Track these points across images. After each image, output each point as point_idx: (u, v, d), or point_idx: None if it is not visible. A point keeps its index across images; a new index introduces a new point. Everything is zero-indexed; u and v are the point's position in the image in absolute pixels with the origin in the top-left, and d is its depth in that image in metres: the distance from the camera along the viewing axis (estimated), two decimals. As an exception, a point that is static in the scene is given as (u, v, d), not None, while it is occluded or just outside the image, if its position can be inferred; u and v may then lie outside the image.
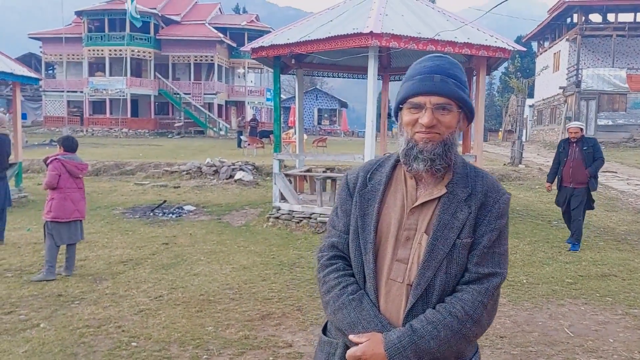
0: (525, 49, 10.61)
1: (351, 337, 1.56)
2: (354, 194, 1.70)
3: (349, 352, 1.55)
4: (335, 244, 1.71)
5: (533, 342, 4.45)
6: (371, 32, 7.86)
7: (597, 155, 7.55)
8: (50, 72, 45.19)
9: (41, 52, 42.97)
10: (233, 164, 15.29)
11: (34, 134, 34.61)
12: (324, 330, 1.77)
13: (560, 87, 31.76)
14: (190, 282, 6.03)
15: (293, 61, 10.09)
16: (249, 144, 22.42)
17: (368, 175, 1.70)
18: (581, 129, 7.71)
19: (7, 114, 18.70)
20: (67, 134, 6.54)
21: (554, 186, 7.99)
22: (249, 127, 26.80)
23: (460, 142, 14.37)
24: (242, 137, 25.39)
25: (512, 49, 8.89)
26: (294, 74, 11.73)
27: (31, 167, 17.25)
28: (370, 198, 1.65)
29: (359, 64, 10.60)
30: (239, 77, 46.41)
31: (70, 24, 43.55)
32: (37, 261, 6.83)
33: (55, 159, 6.08)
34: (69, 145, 6.26)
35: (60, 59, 41.48)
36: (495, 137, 43.33)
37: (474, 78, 10.07)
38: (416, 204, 1.60)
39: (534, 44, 45.85)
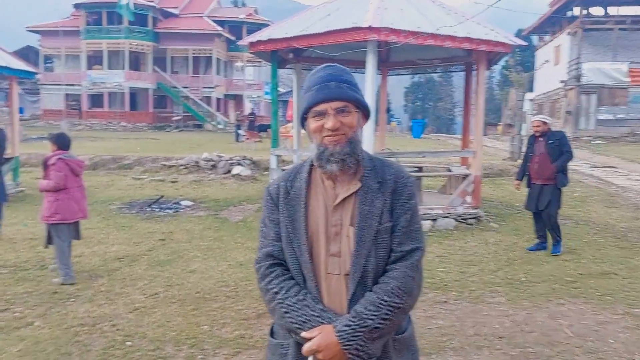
0: (526, 44, 10.53)
1: (303, 334, 1.67)
2: (278, 203, 1.82)
3: (305, 347, 1.66)
4: (270, 252, 1.82)
5: (532, 342, 4.40)
6: (370, 26, 7.78)
7: (564, 149, 7.22)
8: (49, 65, 44.97)
9: (39, 45, 42.76)
10: (231, 159, 15.22)
11: (32, 127, 34.48)
12: (272, 334, 1.89)
13: (561, 81, 31.64)
14: (187, 279, 5.98)
15: (291, 55, 10.00)
16: (247, 138, 22.35)
17: (288, 184, 1.83)
18: (544, 122, 7.40)
19: (6, 108, 18.61)
20: (59, 131, 6.21)
21: (525, 185, 7.69)
22: (247, 121, 26.71)
23: (460, 137, 14.34)
24: (240, 131, 25.30)
25: (513, 43, 8.82)
26: (292, 68, 11.64)
27: (29, 161, 17.18)
28: (295, 204, 1.79)
29: (357, 58, 10.49)
30: (237, 70, 46.22)
31: (69, 17, 43.37)
32: (32, 257, 6.77)
33: (59, 158, 5.72)
34: (63, 142, 5.89)
35: (59, 52, 41.31)
36: (495, 131, 43.23)
37: (474, 72, 9.99)
38: (337, 201, 1.76)
39: (535, 38, 45.66)
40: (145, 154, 17.45)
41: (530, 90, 39.68)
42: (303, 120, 1.80)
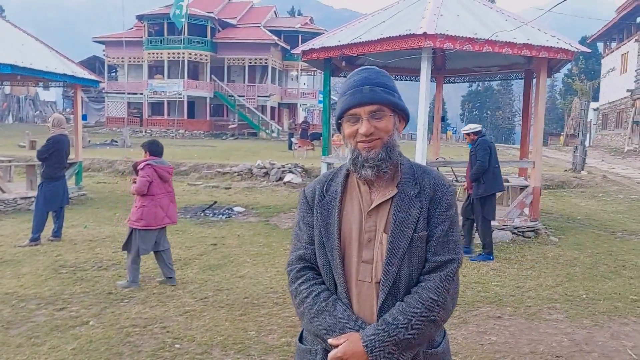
0: (589, 50, 10.08)
1: (330, 340, 1.64)
2: (313, 206, 1.80)
3: (330, 354, 1.63)
4: (302, 255, 1.80)
5: (593, 363, 4.16)
6: (424, 33, 7.65)
7: (477, 159, 7.14)
8: (113, 74, 46.96)
9: (104, 55, 44.71)
10: (283, 166, 15.34)
11: (96, 134, 36.05)
12: (301, 339, 1.85)
13: (628, 90, 30.16)
14: (236, 284, 6.02)
15: (344, 63, 9.98)
16: (299, 146, 22.48)
17: (324, 187, 1.80)
18: (468, 134, 7.42)
19: (71, 115, 19.49)
20: (152, 139, 6.32)
21: None
22: (300, 130, 26.89)
23: (518, 147, 13.87)
24: (293, 139, 25.49)
25: (575, 50, 8.45)
26: (345, 76, 11.62)
27: (92, 166, 17.89)
28: (330, 208, 1.75)
29: (412, 66, 10.38)
30: (292, 79, 46.75)
31: (132, 28, 45.15)
32: (91, 258, 7.00)
33: (148, 164, 5.78)
34: (155, 149, 5.95)
35: (122, 61, 43.00)
36: (557, 142, 41.76)
37: (534, 80, 9.65)
38: (372, 206, 1.71)
39: (600, 45, 43.85)
40: (201, 161, 17.84)
41: (595, 99, 38.10)
42: (339, 125, 1.78)
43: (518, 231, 8.64)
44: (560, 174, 17.50)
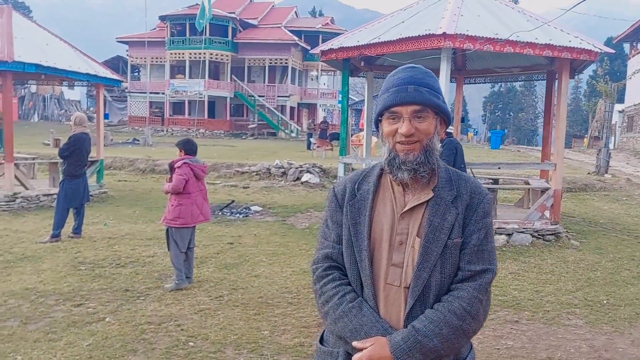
0: (613, 51, 9.88)
1: (355, 343, 1.58)
2: (343, 205, 1.74)
3: (355, 357, 1.57)
4: (329, 254, 1.74)
5: (612, 370, 4.06)
6: (444, 33, 7.58)
7: (442, 157, 7.42)
8: (136, 74, 47.53)
9: (127, 55, 45.27)
10: (301, 166, 15.36)
11: (119, 132, 36.53)
12: (321, 341, 1.79)
13: (654, 92, 29.53)
14: (251, 283, 6.03)
15: (362, 63, 9.94)
16: (317, 146, 22.47)
17: (356, 186, 1.74)
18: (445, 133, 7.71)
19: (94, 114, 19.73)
20: (186, 138, 6.37)
21: None
22: (319, 130, 26.88)
23: (539, 148, 13.66)
24: (311, 139, 25.50)
25: (599, 50, 8.29)
26: (364, 77, 11.58)
27: (113, 164, 18.10)
28: (361, 207, 1.70)
29: (431, 66, 10.28)
30: (312, 79, 46.76)
31: (155, 29, 45.64)
32: (110, 255, 7.09)
33: (185, 163, 5.84)
34: (190, 148, 5.99)
35: (145, 61, 43.50)
36: (581, 144, 41.07)
37: (556, 82, 9.50)
38: (406, 209, 1.65)
39: (626, 46, 43.02)
40: (221, 160, 17.94)
41: (621, 101, 37.36)
42: (377, 122, 1.72)
43: (538, 234, 8.51)
44: (583, 176, 17.20)
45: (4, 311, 4.98)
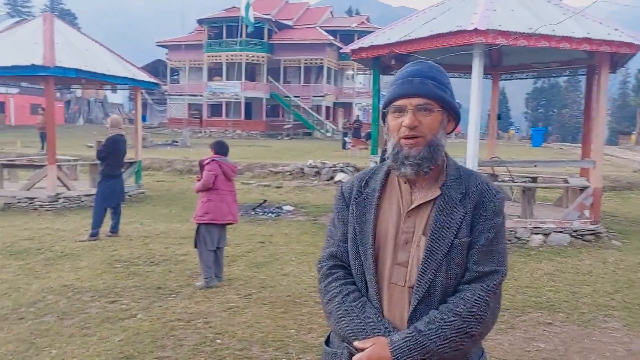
0: (657, 44, 9.47)
1: (356, 343, 1.56)
2: (350, 203, 1.72)
3: (355, 357, 1.55)
4: (334, 253, 1.73)
5: (649, 375, 3.90)
6: (476, 29, 7.44)
7: None
8: (175, 77, 48.51)
9: (167, 58, 46.26)
10: (334, 165, 15.36)
11: (159, 134, 37.32)
12: (327, 342, 1.78)
13: None
14: (280, 282, 6.07)
15: (393, 61, 9.84)
16: (352, 146, 22.41)
17: (362, 184, 1.72)
18: None
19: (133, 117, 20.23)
20: (218, 139, 6.49)
21: None
22: (352, 129, 26.82)
23: (579, 145, 13.24)
24: (346, 138, 25.46)
25: (640, 43, 7.98)
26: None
27: (152, 165, 18.48)
28: (367, 205, 1.67)
29: (465, 62, 10.11)
30: (347, 78, 46.73)
31: (193, 32, 46.49)
32: (144, 254, 7.24)
33: (213, 160, 5.97)
34: (221, 149, 6.11)
35: (183, 64, 44.37)
36: (627, 141, 39.67)
37: (596, 77, 9.19)
38: (412, 207, 1.62)
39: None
40: (256, 160, 18.11)
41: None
42: (384, 116, 1.69)
43: (577, 234, 8.26)
44: (628, 174, 16.62)
45: (43, 307, 5.15)
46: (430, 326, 1.51)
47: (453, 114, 1.65)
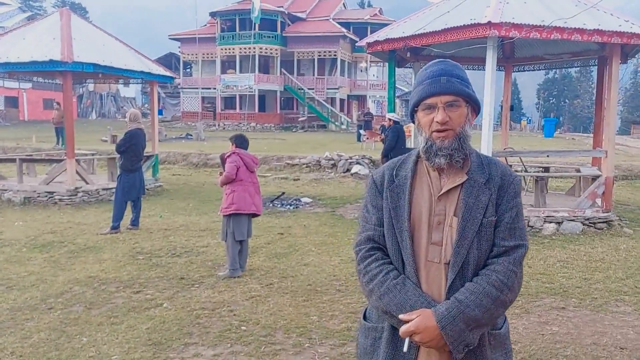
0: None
1: (401, 316, 1.70)
2: (382, 190, 1.88)
3: (403, 328, 1.69)
4: (371, 236, 1.87)
5: (659, 358, 4.03)
6: (489, 22, 7.52)
7: (387, 140, 9.34)
8: (188, 70, 48.70)
9: (180, 52, 46.42)
10: (350, 158, 15.48)
11: (173, 128, 37.62)
12: (364, 318, 1.94)
13: None
14: (300, 271, 6.24)
15: (408, 54, 9.94)
16: (367, 138, 22.48)
17: (394, 172, 1.89)
18: (391, 120, 9.55)
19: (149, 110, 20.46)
20: (239, 133, 6.66)
21: None
22: (363, 121, 26.81)
23: (591, 135, 13.27)
24: (361, 130, 25.51)
25: (653, 33, 8.00)
26: (411, 67, 11.57)
27: (168, 158, 18.70)
28: (400, 192, 1.84)
29: (478, 55, 10.19)
30: (361, 71, 46.62)
31: (205, 25, 46.58)
32: (165, 245, 7.46)
33: (233, 152, 6.13)
34: (241, 142, 6.25)
35: (196, 58, 44.48)
36: (640, 130, 39.23)
37: (607, 67, 9.22)
38: (442, 191, 1.79)
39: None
40: (271, 153, 18.29)
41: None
42: (413, 114, 1.87)
43: (589, 222, 8.35)
44: (642, 164, 16.54)
45: (70, 297, 5.37)
46: (469, 296, 1.68)
47: (475, 107, 1.84)
